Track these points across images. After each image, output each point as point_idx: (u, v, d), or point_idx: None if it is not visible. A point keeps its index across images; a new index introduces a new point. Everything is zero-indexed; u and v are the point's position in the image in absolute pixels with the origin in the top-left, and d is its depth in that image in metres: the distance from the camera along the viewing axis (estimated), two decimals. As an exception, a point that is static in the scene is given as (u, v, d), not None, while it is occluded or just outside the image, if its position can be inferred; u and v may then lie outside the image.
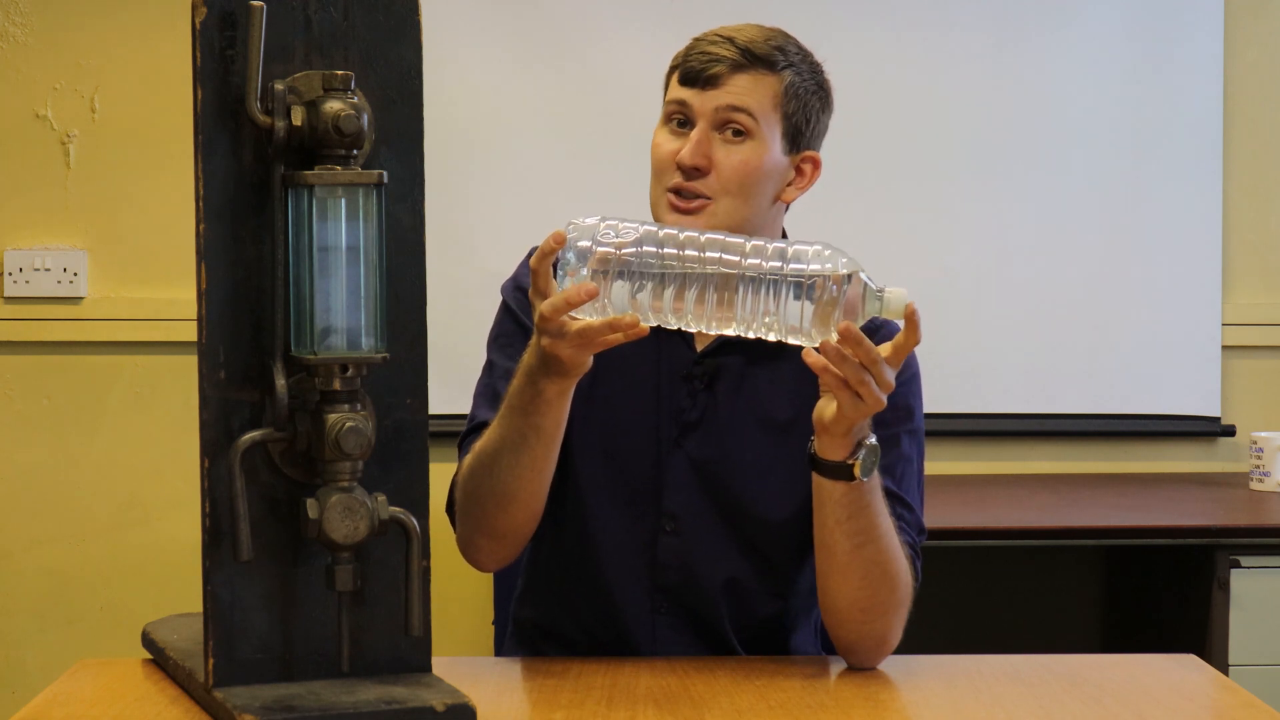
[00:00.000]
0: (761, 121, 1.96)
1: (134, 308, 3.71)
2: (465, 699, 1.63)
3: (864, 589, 1.88)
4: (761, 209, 1.99)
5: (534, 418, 1.85)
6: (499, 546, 1.98)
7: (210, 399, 1.63)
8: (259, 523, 1.64)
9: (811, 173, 2.03)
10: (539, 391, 1.82)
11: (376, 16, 1.66)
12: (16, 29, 3.69)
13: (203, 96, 1.61)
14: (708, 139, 1.96)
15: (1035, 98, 3.75)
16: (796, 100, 1.98)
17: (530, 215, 3.67)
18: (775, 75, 1.97)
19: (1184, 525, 3.14)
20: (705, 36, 2.00)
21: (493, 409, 1.97)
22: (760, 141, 1.97)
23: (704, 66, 1.96)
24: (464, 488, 1.96)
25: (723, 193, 1.96)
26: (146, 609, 3.30)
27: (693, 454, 2.00)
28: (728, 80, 1.96)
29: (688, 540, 2.02)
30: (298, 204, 1.61)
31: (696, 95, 1.97)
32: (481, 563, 2.02)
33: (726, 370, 2.02)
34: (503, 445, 1.89)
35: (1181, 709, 1.81)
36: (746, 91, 1.96)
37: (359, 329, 1.61)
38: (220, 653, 1.65)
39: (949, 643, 3.63)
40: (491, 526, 1.96)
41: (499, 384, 2.00)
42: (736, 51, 1.96)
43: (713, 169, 1.96)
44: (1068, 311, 3.77)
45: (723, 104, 1.96)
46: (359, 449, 1.61)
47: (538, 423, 1.85)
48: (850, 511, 1.84)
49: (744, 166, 1.96)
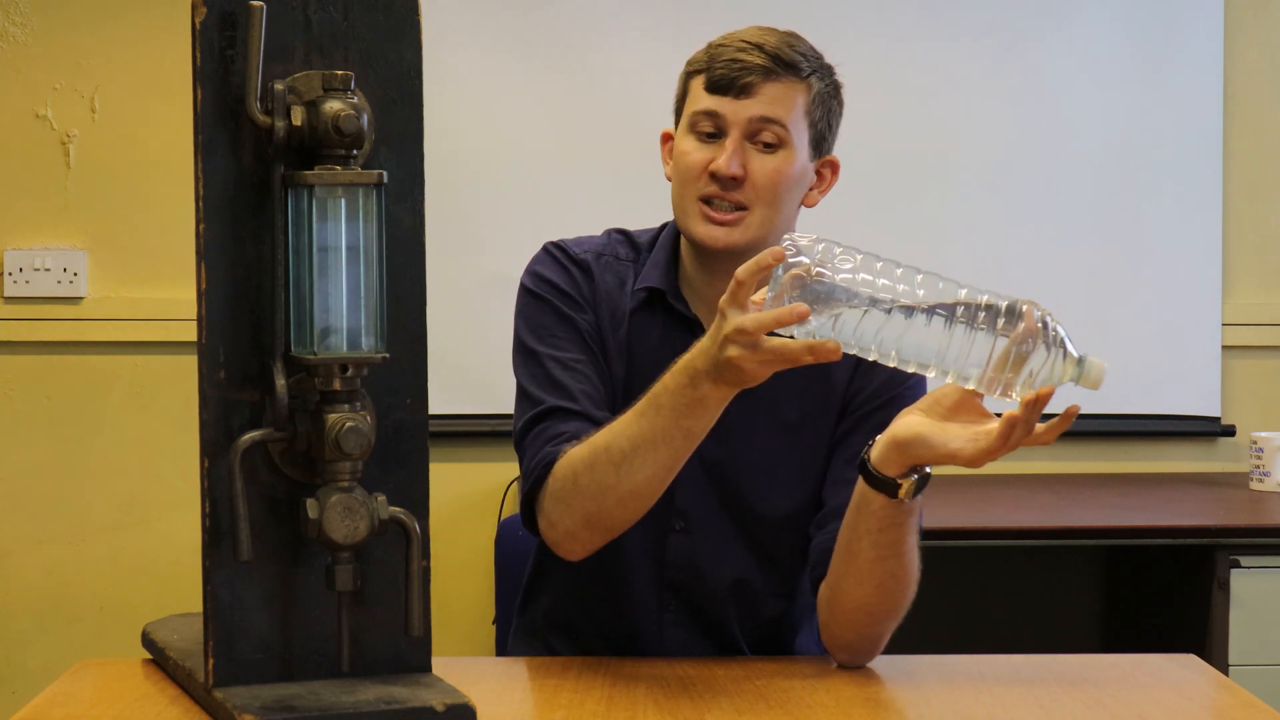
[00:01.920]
0: (792, 130, 1.97)
1: (134, 308, 3.71)
2: (465, 699, 1.63)
3: (875, 597, 1.88)
4: (789, 216, 2.00)
5: (688, 420, 1.79)
6: (602, 539, 1.92)
7: (210, 399, 1.63)
8: (259, 523, 1.64)
9: (831, 176, 2.05)
10: (702, 396, 1.77)
11: (376, 16, 1.66)
12: (16, 29, 3.69)
13: (203, 96, 1.61)
14: (743, 148, 1.96)
15: (1035, 98, 3.75)
16: (822, 107, 2.00)
17: (531, 215, 3.68)
18: (803, 83, 1.97)
19: (1184, 525, 3.14)
20: (729, 42, 1.98)
21: (558, 395, 1.96)
22: (790, 150, 1.97)
23: (736, 75, 1.95)
24: (576, 480, 1.88)
25: (756, 201, 1.96)
26: (146, 609, 3.29)
27: (704, 453, 2.00)
28: (760, 89, 1.95)
29: (697, 539, 2.02)
30: (298, 204, 1.61)
31: (729, 104, 1.96)
32: (575, 552, 1.94)
33: None
34: (641, 443, 1.82)
35: (1181, 709, 1.81)
36: (778, 102, 1.96)
37: (359, 329, 1.61)
38: (220, 653, 1.65)
39: (949, 643, 3.63)
40: (606, 521, 1.89)
41: (555, 371, 1.98)
42: (766, 59, 1.95)
43: (747, 178, 1.96)
44: (1068, 311, 3.72)
45: (756, 115, 1.95)
46: (359, 449, 1.61)
47: (690, 426, 1.80)
48: (883, 524, 1.83)
49: (777, 176, 1.96)
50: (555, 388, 1.98)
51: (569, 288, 2.05)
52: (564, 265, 2.06)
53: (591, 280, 2.06)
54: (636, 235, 2.12)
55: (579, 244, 2.09)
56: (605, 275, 2.07)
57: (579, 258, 2.07)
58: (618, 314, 2.05)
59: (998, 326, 1.68)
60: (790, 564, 2.05)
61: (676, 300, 2.04)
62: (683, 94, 2.02)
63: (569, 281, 2.05)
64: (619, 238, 2.12)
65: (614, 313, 2.05)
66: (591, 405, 1.97)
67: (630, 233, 2.13)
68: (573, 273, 2.06)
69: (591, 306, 2.04)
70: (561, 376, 1.98)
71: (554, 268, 2.06)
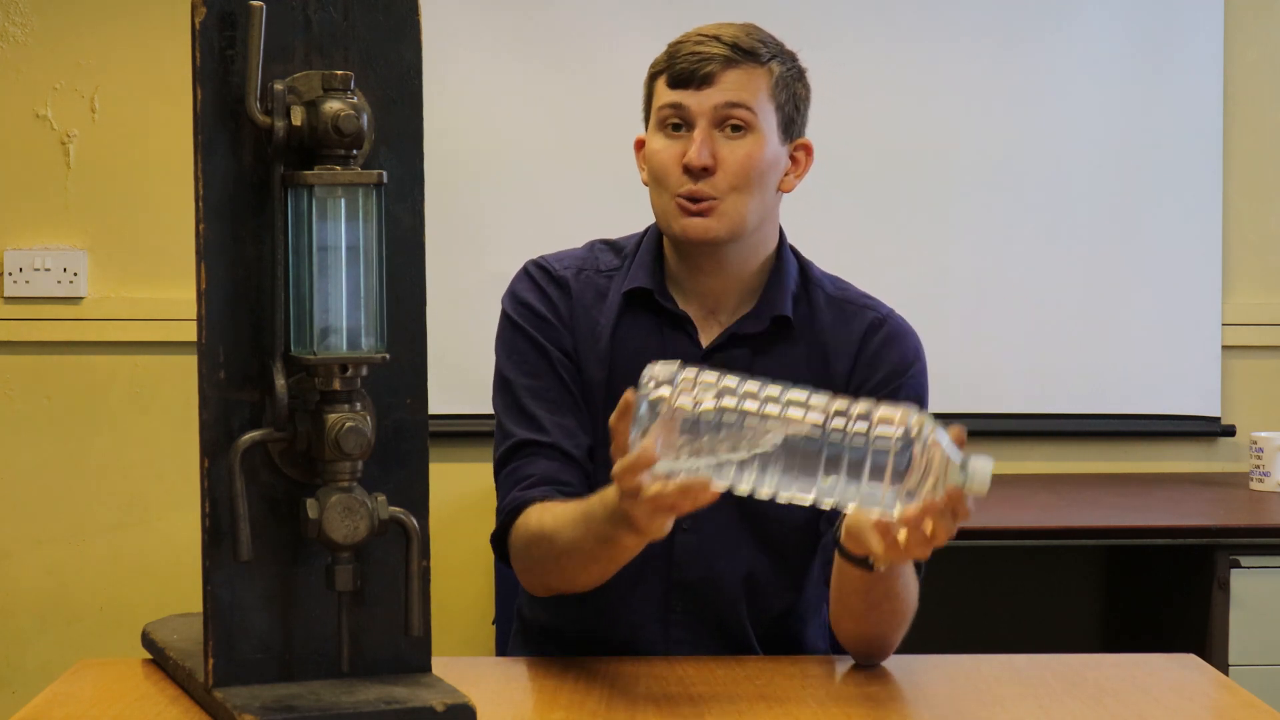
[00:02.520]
0: (759, 114, 1.97)
1: (134, 308, 3.71)
2: (465, 699, 1.63)
3: (876, 629, 1.90)
4: (765, 202, 2.00)
5: (610, 550, 1.81)
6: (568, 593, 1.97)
7: (210, 399, 1.63)
8: (259, 523, 1.64)
9: (805, 159, 2.05)
10: (616, 538, 1.77)
11: (376, 16, 1.66)
12: (16, 29, 3.69)
13: (203, 96, 1.61)
14: (711, 137, 1.97)
15: (1035, 98, 3.75)
16: (786, 89, 2.00)
17: (531, 215, 3.68)
18: (764, 67, 1.98)
19: (1184, 525, 3.14)
20: (687, 38, 2.00)
21: (528, 428, 1.99)
22: (760, 134, 1.98)
23: (696, 66, 1.96)
24: (529, 550, 1.94)
25: (729, 190, 1.96)
26: (146, 609, 3.29)
27: None
28: (721, 77, 1.96)
29: (705, 538, 2.02)
30: (297, 204, 1.61)
31: (692, 96, 1.97)
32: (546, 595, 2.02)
33: (734, 363, 2.02)
34: (574, 550, 1.85)
35: (1181, 709, 1.81)
36: (741, 86, 1.97)
37: (359, 329, 1.61)
38: (220, 653, 1.65)
39: (949, 643, 3.63)
40: (564, 590, 1.95)
41: (527, 402, 2.01)
42: (725, 48, 1.97)
43: (718, 167, 1.96)
44: (1068, 311, 3.77)
45: (720, 101, 1.96)
46: (359, 449, 1.61)
47: (613, 554, 1.82)
48: (869, 585, 1.84)
49: (748, 160, 1.97)
50: (526, 420, 2.00)
51: (545, 310, 2.05)
52: (541, 287, 2.07)
53: (570, 299, 2.06)
54: (620, 242, 2.13)
55: (560, 259, 2.10)
56: (585, 292, 2.07)
57: (558, 275, 2.07)
58: (597, 330, 2.05)
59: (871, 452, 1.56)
60: (798, 556, 2.05)
61: (664, 299, 2.04)
62: (649, 96, 2.03)
63: (545, 303, 2.06)
64: (602, 247, 2.12)
65: (593, 329, 2.05)
66: (563, 435, 1.99)
67: (614, 241, 2.13)
68: (550, 293, 2.06)
69: (569, 327, 2.05)
70: (533, 407, 2.00)
71: (531, 289, 2.07)
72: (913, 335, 2.07)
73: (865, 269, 3.50)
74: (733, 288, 2.04)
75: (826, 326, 2.05)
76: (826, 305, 2.06)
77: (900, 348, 2.05)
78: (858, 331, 2.04)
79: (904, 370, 2.02)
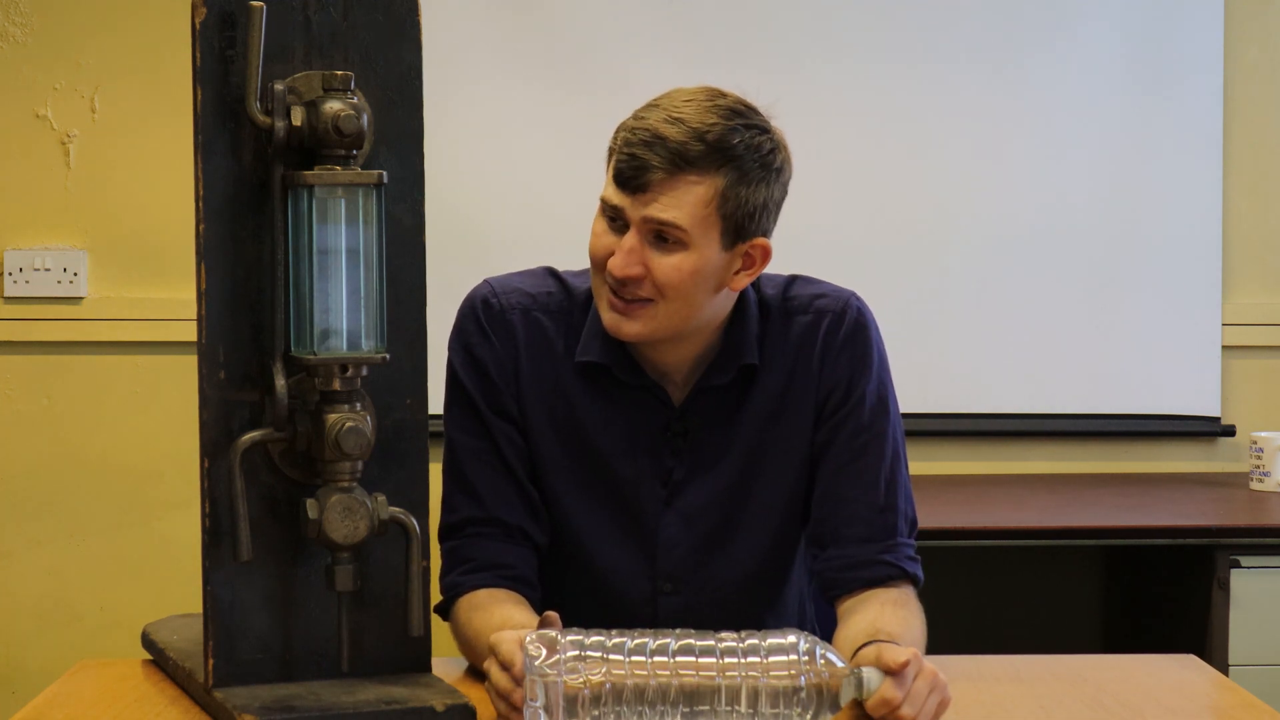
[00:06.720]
0: (693, 231, 1.84)
1: (134, 308, 3.71)
2: (465, 699, 1.63)
3: None
4: (704, 305, 1.89)
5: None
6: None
7: (210, 399, 1.63)
8: (259, 523, 1.64)
9: (761, 258, 1.91)
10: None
11: (376, 17, 1.66)
12: (16, 29, 3.69)
13: (203, 96, 1.61)
14: (639, 247, 1.85)
15: (1035, 97, 3.75)
16: (736, 199, 1.85)
17: (531, 215, 3.67)
18: (710, 179, 1.83)
19: (1184, 525, 3.13)
20: (643, 125, 1.85)
21: (469, 502, 1.94)
22: (694, 249, 1.85)
23: (634, 173, 1.83)
24: (459, 636, 1.92)
25: (660, 296, 1.86)
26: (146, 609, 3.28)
27: (683, 509, 1.98)
28: (657, 190, 1.83)
29: (689, 597, 1.99)
30: (297, 204, 1.61)
31: (627, 200, 1.85)
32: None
33: (708, 414, 1.98)
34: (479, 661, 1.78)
35: (1181, 709, 1.81)
36: (675, 204, 1.83)
37: (359, 329, 1.61)
38: (220, 653, 1.65)
39: (949, 643, 3.63)
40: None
41: (466, 465, 1.95)
42: (667, 157, 1.82)
43: (647, 275, 1.86)
44: (1068, 311, 3.77)
45: (652, 217, 1.84)
46: (359, 449, 1.61)
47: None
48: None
49: (676, 274, 1.85)
50: (466, 491, 1.95)
51: (489, 361, 1.97)
52: (485, 332, 1.97)
53: (515, 346, 1.97)
54: (571, 279, 2.02)
55: (508, 292, 2.00)
56: (533, 336, 1.98)
57: (506, 315, 1.98)
58: (548, 379, 1.97)
59: (766, 682, 1.56)
60: (774, 577, 2.02)
61: (627, 373, 1.96)
62: (608, 158, 1.91)
63: (489, 351, 1.97)
64: (552, 282, 2.02)
65: (542, 378, 1.97)
66: (500, 503, 1.94)
67: (564, 276, 2.03)
68: (493, 341, 1.97)
69: (515, 378, 1.96)
70: (473, 474, 1.94)
71: (476, 333, 1.98)
72: (865, 327, 1.98)
73: (866, 269, 3.53)
74: (690, 354, 1.96)
75: (792, 343, 1.97)
76: (784, 323, 1.98)
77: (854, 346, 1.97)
78: (817, 336, 1.97)
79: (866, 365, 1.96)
